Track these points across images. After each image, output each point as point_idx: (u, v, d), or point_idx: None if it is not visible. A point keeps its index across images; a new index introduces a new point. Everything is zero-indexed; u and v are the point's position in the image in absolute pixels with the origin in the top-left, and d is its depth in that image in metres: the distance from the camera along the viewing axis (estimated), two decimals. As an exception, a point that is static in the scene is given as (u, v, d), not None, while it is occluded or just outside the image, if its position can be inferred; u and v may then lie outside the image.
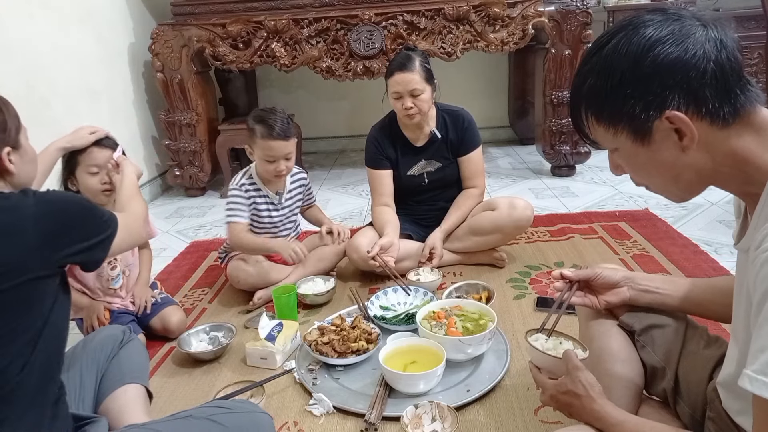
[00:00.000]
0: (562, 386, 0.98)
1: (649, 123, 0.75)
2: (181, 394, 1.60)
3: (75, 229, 1.01)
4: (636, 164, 0.82)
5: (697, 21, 0.74)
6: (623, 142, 0.79)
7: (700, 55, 0.71)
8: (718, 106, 0.72)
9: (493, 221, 2.14)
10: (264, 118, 1.98)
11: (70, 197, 1.08)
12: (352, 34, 3.25)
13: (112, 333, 1.39)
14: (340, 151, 4.65)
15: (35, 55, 2.63)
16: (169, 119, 3.48)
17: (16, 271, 0.91)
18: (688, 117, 0.72)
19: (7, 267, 0.90)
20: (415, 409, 1.34)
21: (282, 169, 2.01)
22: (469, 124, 2.21)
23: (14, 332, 0.92)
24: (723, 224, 2.53)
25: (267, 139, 1.96)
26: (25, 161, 1.09)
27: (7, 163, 1.03)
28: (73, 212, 1.02)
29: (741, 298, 0.79)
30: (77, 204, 1.06)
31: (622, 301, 1.12)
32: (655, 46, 0.73)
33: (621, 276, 1.12)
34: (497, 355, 1.61)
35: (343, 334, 1.65)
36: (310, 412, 1.46)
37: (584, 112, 0.82)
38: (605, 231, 2.54)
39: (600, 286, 1.13)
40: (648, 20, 0.75)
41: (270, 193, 2.11)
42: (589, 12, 3.22)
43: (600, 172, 3.53)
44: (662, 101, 0.73)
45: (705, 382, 1.02)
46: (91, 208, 1.08)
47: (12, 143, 1.05)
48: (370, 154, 2.25)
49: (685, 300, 1.08)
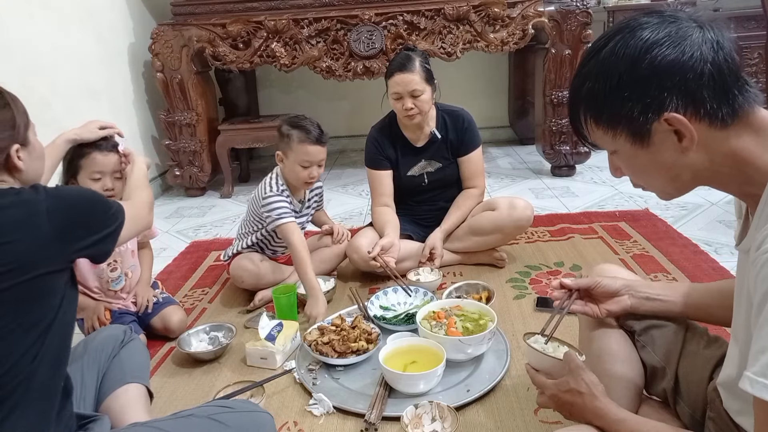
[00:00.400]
0: (564, 385, 0.98)
1: (648, 125, 0.75)
2: (182, 394, 1.60)
3: (86, 223, 1.03)
4: (635, 166, 0.82)
5: (694, 23, 0.74)
6: (622, 144, 0.79)
7: (697, 56, 0.71)
8: (717, 107, 0.72)
9: (493, 221, 2.14)
10: (300, 124, 1.98)
11: (81, 191, 1.09)
12: (352, 34, 3.25)
13: (113, 333, 1.39)
14: (340, 151, 4.64)
15: (35, 55, 2.63)
16: (169, 119, 3.48)
17: (29, 265, 0.92)
18: (686, 119, 0.73)
19: (19, 262, 0.91)
20: (415, 409, 1.34)
21: (315, 176, 2.02)
22: (469, 124, 2.21)
23: (26, 325, 0.93)
24: (723, 224, 2.53)
25: (305, 144, 1.96)
26: (33, 158, 1.09)
27: (16, 159, 1.04)
28: (83, 206, 1.04)
29: (741, 299, 0.79)
30: (87, 198, 1.07)
31: (622, 310, 1.11)
32: (652, 49, 0.73)
33: (621, 284, 1.12)
34: (497, 355, 1.61)
35: (343, 334, 1.65)
36: (310, 412, 1.46)
37: (583, 115, 0.83)
38: (605, 231, 2.54)
39: (600, 294, 1.13)
40: (645, 23, 0.75)
41: (295, 201, 2.10)
42: (589, 12, 3.22)
43: (600, 172, 3.53)
44: (660, 103, 0.73)
45: (705, 382, 1.02)
46: (101, 201, 1.10)
47: (21, 140, 1.05)
48: (369, 155, 2.25)
49: (687, 306, 1.08)
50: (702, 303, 1.07)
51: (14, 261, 0.90)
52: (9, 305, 0.91)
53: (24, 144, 1.06)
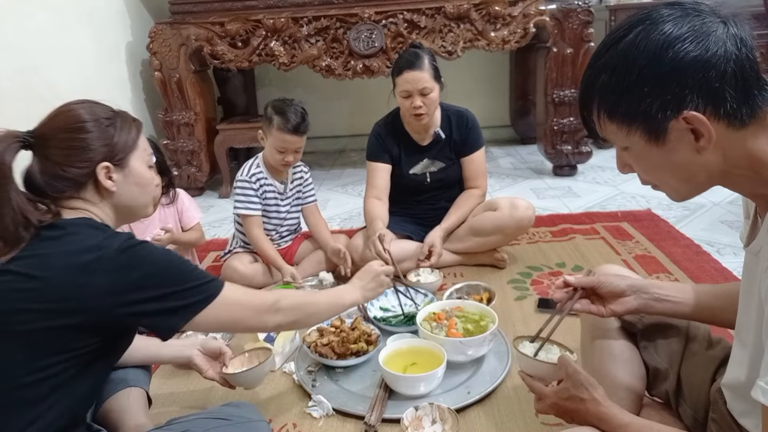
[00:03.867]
0: (564, 392, 0.96)
1: (665, 123, 0.73)
2: (180, 395, 1.59)
3: (150, 288, 0.94)
4: (647, 164, 0.80)
5: (717, 17, 0.71)
6: (636, 141, 0.77)
7: (721, 54, 0.69)
8: (737, 106, 0.70)
9: (494, 221, 2.12)
10: (282, 110, 2.02)
11: (163, 254, 0.99)
12: (351, 33, 3.23)
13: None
14: (339, 150, 4.63)
15: (34, 54, 2.62)
16: (167, 119, 3.46)
17: (75, 310, 0.89)
18: (705, 117, 0.70)
19: (68, 303, 0.88)
20: (415, 411, 1.33)
21: (290, 161, 2.08)
22: (473, 124, 2.20)
23: (48, 369, 0.90)
24: (725, 224, 2.51)
25: (282, 132, 2.01)
26: (129, 182, 1.05)
27: (104, 178, 1.01)
28: (154, 269, 0.95)
29: (751, 302, 0.78)
30: (164, 262, 0.98)
31: (627, 311, 1.07)
32: (675, 44, 0.70)
33: (627, 285, 1.07)
34: (498, 356, 1.59)
35: (342, 336, 1.63)
36: (309, 414, 1.45)
37: (596, 109, 0.79)
38: (607, 231, 2.52)
39: (605, 294, 1.09)
40: (667, 15, 0.72)
41: (276, 183, 2.15)
42: (591, 10, 3.21)
43: (602, 172, 3.51)
44: (680, 101, 0.71)
45: (708, 384, 1.01)
46: (182, 270, 0.99)
47: (115, 160, 1.02)
48: (371, 147, 2.24)
49: (696, 308, 1.05)
50: (711, 305, 1.04)
51: (63, 300, 0.88)
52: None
53: (119, 165, 1.03)
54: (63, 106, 1.04)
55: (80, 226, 0.95)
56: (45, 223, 0.93)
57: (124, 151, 1.04)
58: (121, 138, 1.04)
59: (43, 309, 0.88)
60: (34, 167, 0.99)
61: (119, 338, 1.03)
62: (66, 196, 0.99)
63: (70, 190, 0.99)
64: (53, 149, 0.99)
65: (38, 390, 0.90)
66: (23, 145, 0.97)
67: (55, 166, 0.98)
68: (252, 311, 1.09)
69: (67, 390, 0.93)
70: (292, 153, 2.06)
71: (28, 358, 0.89)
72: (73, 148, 0.99)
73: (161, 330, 1.00)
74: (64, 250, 0.91)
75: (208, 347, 1.39)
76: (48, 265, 0.89)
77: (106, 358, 1.01)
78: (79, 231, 0.94)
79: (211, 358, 1.39)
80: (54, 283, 0.88)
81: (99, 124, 1.02)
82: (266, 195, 2.14)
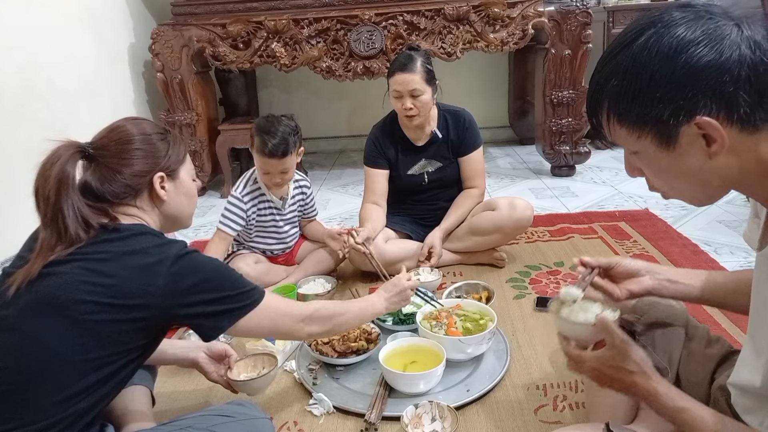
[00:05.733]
0: (608, 360, 0.88)
1: (677, 128, 0.71)
2: (182, 393, 1.60)
3: (205, 292, 1.03)
4: (658, 169, 0.78)
5: (731, 20, 0.69)
6: (646, 145, 0.75)
7: (735, 58, 0.67)
8: (750, 111, 0.68)
9: (493, 221, 2.14)
10: (264, 130, 1.95)
11: (214, 262, 1.08)
12: (352, 34, 3.25)
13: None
14: (340, 151, 4.65)
15: (35, 55, 2.63)
16: (169, 119, 3.48)
17: (139, 307, 0.96)
18: (718, 123, 0.69)
19: (133, 300, 0.95)
20: (415, 408, 1.34)
21: (277, 182, 2.01)
22: (470, 124, 2.21)
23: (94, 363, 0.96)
24: (723, 224, 2.53)
25: (260, 155, 1.96)
26: (178, 192, 1.15)
27: (158, 187, 1.10)
28: (208, 275, 1.04)
29: (766, 305, 0.77)
30: (216, 269, 1.07)
31: (644, 290, 1.06)
32: (688, 48, 0.68)
33: (641, 265, 1.07)
34: (497, 355, 1.61)
35: (343, 334, 1.65)
36: (310, 412, 1.46)
37: (606, 113, 0.77)
38: (605, 231, 2.54)
39: (620, 274, 1.08)
40: (679, 18, 0.71)
41: (274, 199, 2.09)
42: (589, 12, 3.22)
43: (600, 172, 3.53)
44: (693, 106, 0.69)
45: (707, 382, 1.02)
46: (231, 277, 1.09)
47: (168, 170, 1.12)
48: (368, 153, 2.26)
49: (706, 291, 1.04)
50: (725, 290, 1.03)
51: (129, 297, 0.95)
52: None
53: (171, 176, 1.13)
54: (120, 121, 1.13)
55: (139, 231, 1.03)
56: (108, 226, 1.01)
57: (176, 163, 1.15)
58: (174, 151, 1.14)
59: (110, 303, 0.95)
60: (90, 176, 1.07)
61: (159, 339, 1.10)
62: (124, 202, 1.08)
63: (128, 197, 1.08)
64: (113, 158, 1.07)
65: (83, 378, 0.95)
66: (83, 155, 1.05)
67: (115, 174, 1.07)
68: (290, 319, 1.18)
69: (104, 384, 0.98)
70: (278, 174, 1.98)
71: (85, 345, 0.94)
72: (133, 158, 1.08)
73: (208, 330, 1.06)
74: (129, 250, 0.99)
75: (213, 349, 1.42)
76: (117, 265, 0.97)
77: (141, 358, 1.07)
78: (140, 235, 1.02)
79: (215, 360, 1.42)
80: (123, 281, 0.96)
81: (155, 138, 1.13)
82: (262, 212, 2.09)
